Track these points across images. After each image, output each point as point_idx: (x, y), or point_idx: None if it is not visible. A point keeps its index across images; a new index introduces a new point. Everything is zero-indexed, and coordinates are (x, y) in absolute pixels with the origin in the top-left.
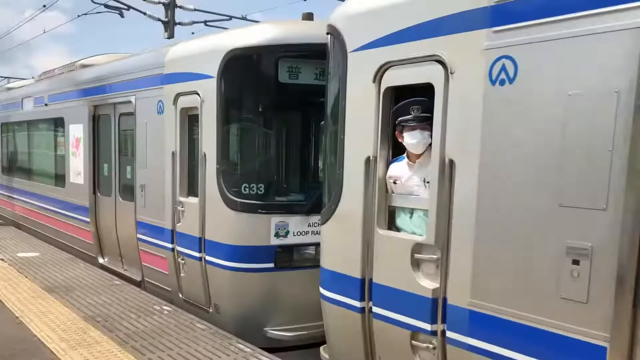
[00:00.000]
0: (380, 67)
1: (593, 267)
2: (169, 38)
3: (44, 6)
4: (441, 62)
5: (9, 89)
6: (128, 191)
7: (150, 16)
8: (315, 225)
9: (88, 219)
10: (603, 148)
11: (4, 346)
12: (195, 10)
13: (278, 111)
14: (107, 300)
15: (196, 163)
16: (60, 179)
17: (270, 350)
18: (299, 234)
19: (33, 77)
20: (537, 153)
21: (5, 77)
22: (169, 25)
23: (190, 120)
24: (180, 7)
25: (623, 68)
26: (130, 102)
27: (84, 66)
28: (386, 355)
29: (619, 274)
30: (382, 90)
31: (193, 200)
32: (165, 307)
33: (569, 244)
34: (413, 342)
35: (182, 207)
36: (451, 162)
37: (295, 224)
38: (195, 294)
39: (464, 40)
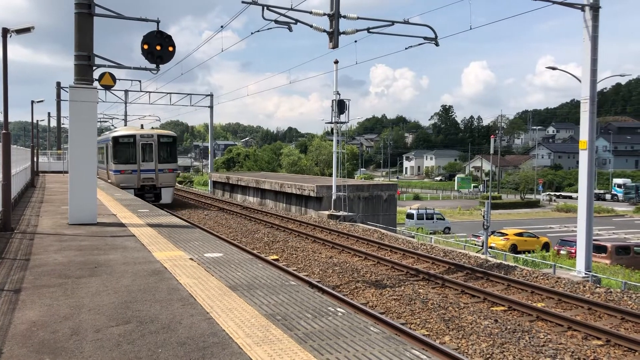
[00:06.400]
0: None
1: None
2: (333, 48)
3: (222, 27)
4: None
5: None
6: None
7: (316, 28)
8: None
9: None
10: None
11: (198, 338)
12: (358, 18)
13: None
14: (285, 299)
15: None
16: None
17: None
18: None
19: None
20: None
21: (188, 94)
22: (334, 36)
23: None
24: (344, 16)
25: None
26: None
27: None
28: None
29: None
30: None
31: None
32: (339, 309)
33: None
34: None
35: None
36: None
37: None
38: None
39: None
